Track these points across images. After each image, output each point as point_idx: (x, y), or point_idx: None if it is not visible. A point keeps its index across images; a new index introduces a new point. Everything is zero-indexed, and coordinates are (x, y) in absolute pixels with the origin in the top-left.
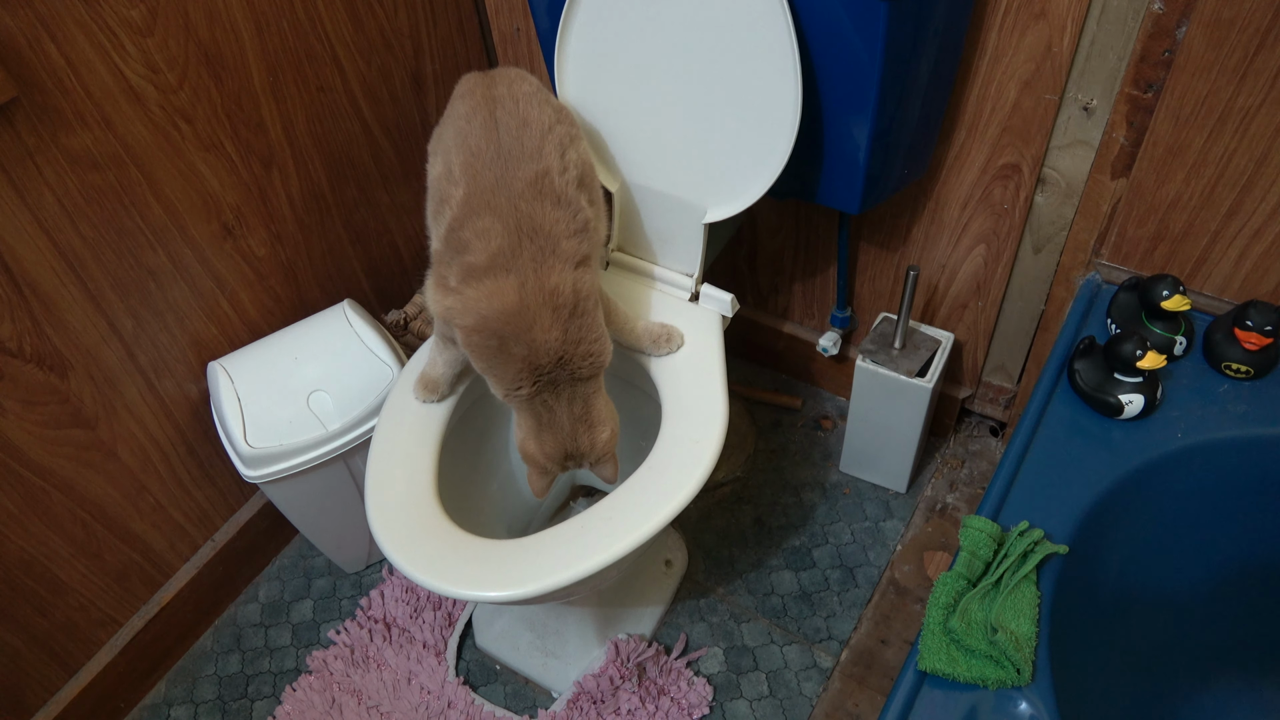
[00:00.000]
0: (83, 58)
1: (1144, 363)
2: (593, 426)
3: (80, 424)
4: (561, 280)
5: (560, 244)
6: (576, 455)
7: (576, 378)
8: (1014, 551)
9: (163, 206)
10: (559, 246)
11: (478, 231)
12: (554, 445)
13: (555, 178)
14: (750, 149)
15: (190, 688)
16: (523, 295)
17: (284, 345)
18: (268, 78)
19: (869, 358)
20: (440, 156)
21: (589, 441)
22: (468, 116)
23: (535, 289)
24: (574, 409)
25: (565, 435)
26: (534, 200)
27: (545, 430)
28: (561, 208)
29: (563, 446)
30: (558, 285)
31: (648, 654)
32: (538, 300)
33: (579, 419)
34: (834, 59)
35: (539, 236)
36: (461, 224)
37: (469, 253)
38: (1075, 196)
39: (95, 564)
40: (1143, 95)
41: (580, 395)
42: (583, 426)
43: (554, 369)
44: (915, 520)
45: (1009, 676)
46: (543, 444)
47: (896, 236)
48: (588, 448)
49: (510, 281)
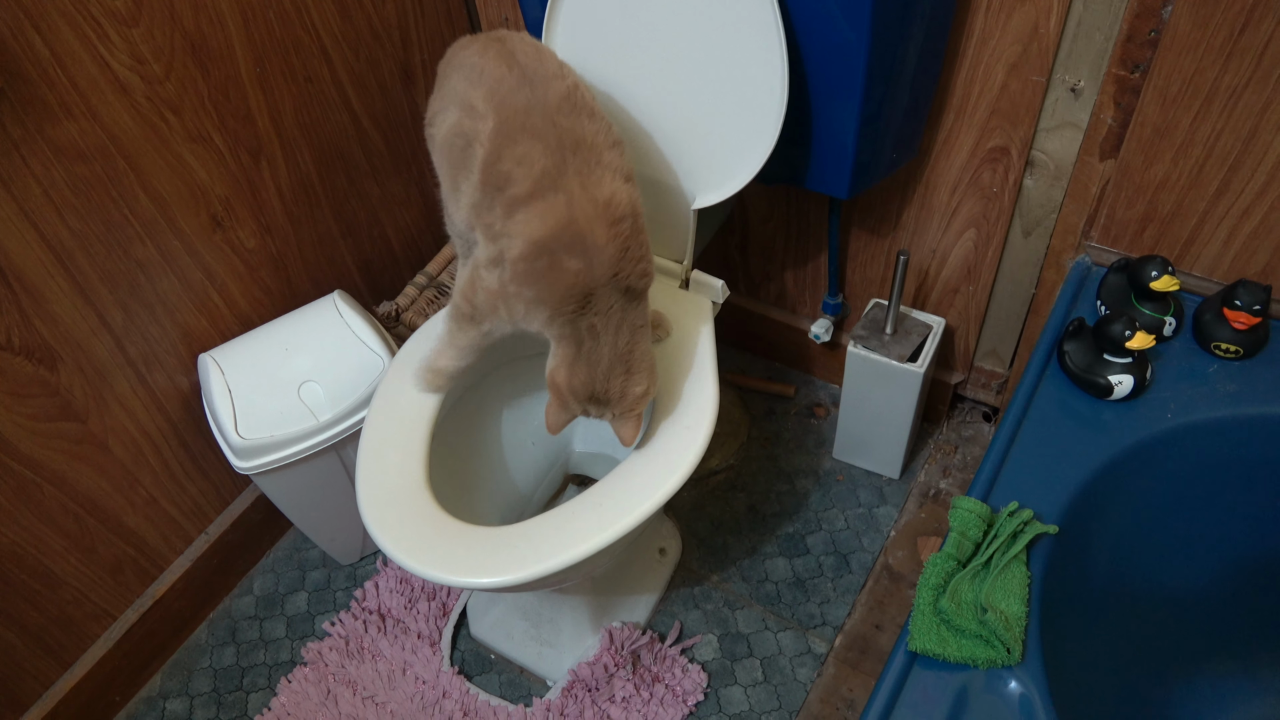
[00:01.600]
0: (67, 48)
1: (1133, 343)
2: (630, 373)
3: (71, 417)
4: (615, 190)
5: (604, 155)
6: (603, 398)
7: (630, 295)
8: (1003, 532)
9: (151, 198)
10: (603, 158)
11: (518, 159)
12: (585, 379)
13: (584, 91)
14: (738, 134)
15: (185, 680)
16: (573, 210)
17: (274, 337)
18: (255, 68)
19: (860, 344)
20: (452, 106)
21: (620, 388)
22: (479, 54)
23: (587, 201)
24: (619, 343)
25: (600, 371)
26: (571, 114)
27: (580, 361)
28: (597, 119)
29: (593, 383)
30: (611, 195)
31: (642, 642)
32: (590, 212)
33: (619, 358)
34: (821, 42)
35: (582, 149)
36: (498, 156)
37: (511, 184)
38: (1064, 179)
39: (88, 557)
40: (1130, 76)
41: (628, 326)
42: (619, 369)
43: (608, 284)
44: (909, 506)
45: (999, 656)
46: (574, 374)
47: (887, 222)
48: (618, 394)
49: (559, 199)
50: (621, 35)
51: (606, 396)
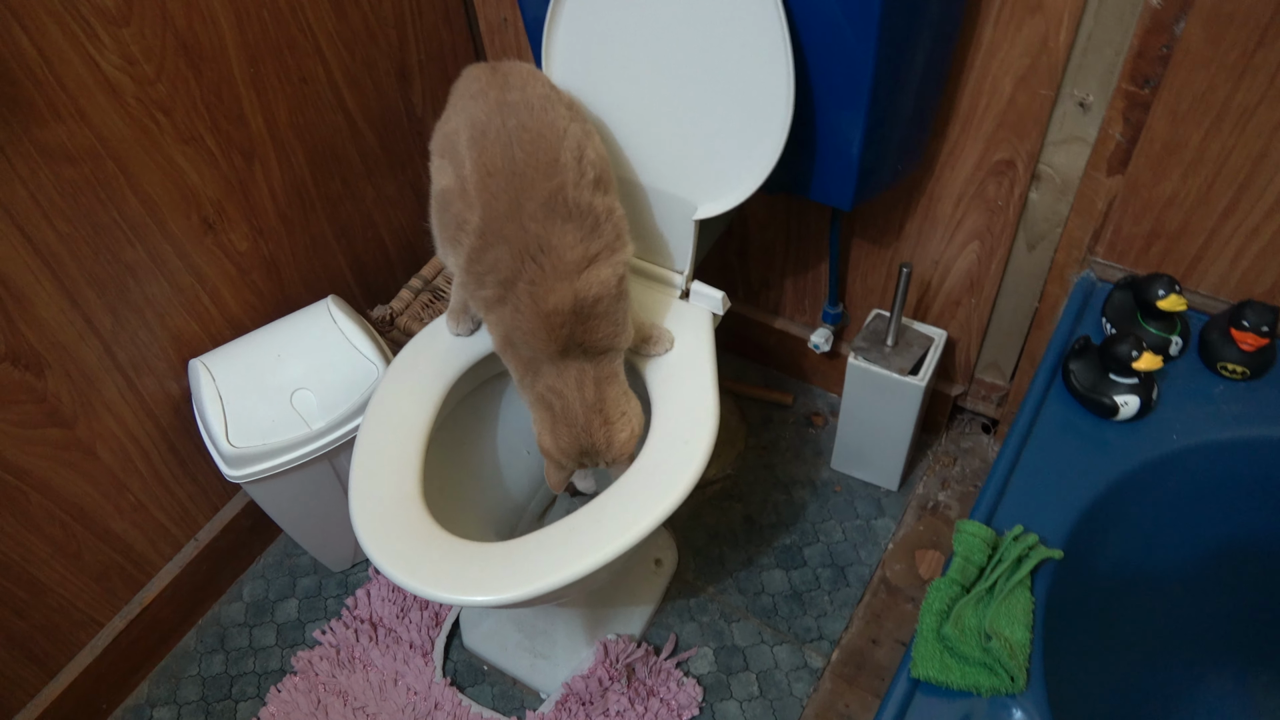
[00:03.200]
0: (55, 48)
1: (1140, 364)
2: (609, 422)
3: (58, 423)
4: (558, 300)
5: (565, 257)
6: (591, 451)
7: (588, 358)
8: (1008, 557)
9: (141, 201)
10: (562, 261)
11: (489, 266)
12: (569, 438)
13: (569, 191)
14: (742, 144)
15: (173, 688)
16: (517, 319)
17: (267, 342)
18: (248, 69)
19: (861, 355)
20: (450, 164)
21: (605, 438)
22: (483, 125)
23: (530, 313)
24: (585, 395)
25: (580, 429)
26: (544, 220)
27: (560, 423)
28: (573, 220)
29: (578, 441)
30: (553, 307)
31: (637, 654)
32: (533, 324)
33: (592, 408)
34: (827, 51)
35: (542, 255)
36: (479, 256)
37: (484, 287)
38: (1070, 193)
39: (75, 565)
40: (1140, 91)
41: (591, 379)
42: (598, 419)
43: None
44: (907, 518)
45: (1003, 684)
46: (558, 438)
47: (889, 232)
48: (604, 445)
49: (506, 311)
50: (623, 40)
51: (593, 448)
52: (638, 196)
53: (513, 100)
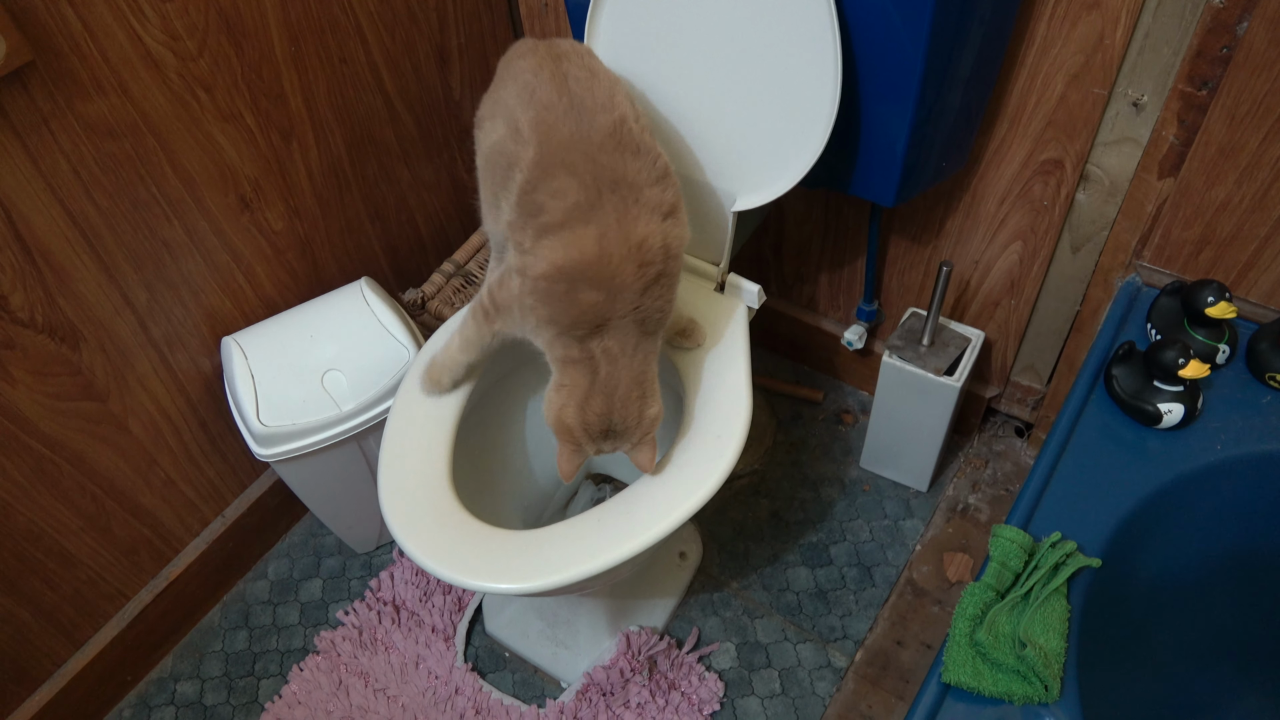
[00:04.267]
0: (101, 22)
1: (1186, 371)
2: (645, 397)
3: (92, 396)
4: (649, 232)
5: (644, 192)
6: (619, 429)
7: (644, 328)
8: (1045, 564)
9: (179, 177)
10: (642, 195)
11: (553, 192)
12: (601, 410)
13: (631, 124)
14: (785, 136)
15: (197, 663)
16: (603, 245)
17: (299, 322)
18: (289, 48)
19: (896, 354)
20: (500, 119)
21: (637, 414)
22: (534, 71)
23: (619, 239)
24: (634, 366)
25: (617, 400)
26: (614, 151)
27: (596, 393)
28: (642, 155)
29: (610, 414)
30: (645, 237)
31: (659, 647)
32: (622, 252)
33: (635, 382)
34: (876, 44)
35: (621, 187)
36: (535, 186)
37: (544, 213)
38: (1119, 195)
39: (104, 537)
40: (1197, 93)
41: (642, 352)
42: (635, 393)
43: (627, 316)
44: (935, 520)
45: (1036, 693)
46: (586, 410)
47: (929, 230)
48: (634, 421)
49: (590, 231)
50: (667, 28)
51: (624, 424)
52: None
53: (562, 51)
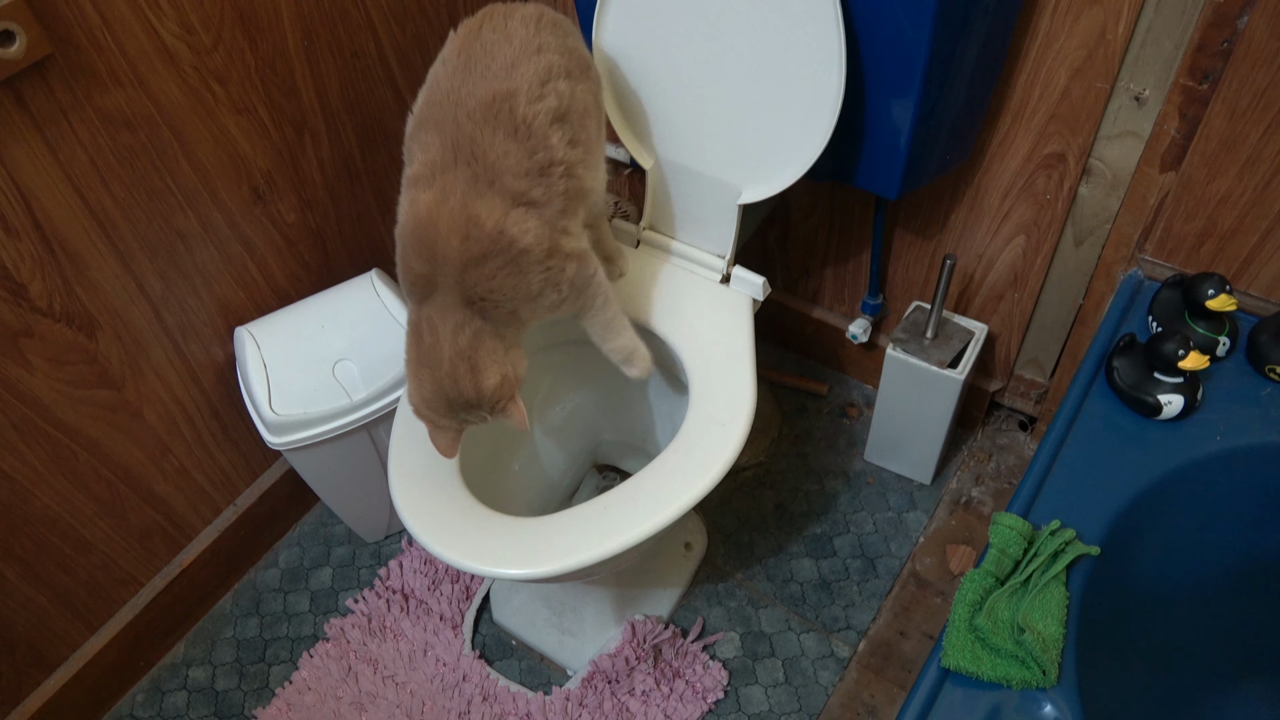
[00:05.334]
0: (118, 16)
1: (1186, 363)
2: (477, 369)
3: (107, 384)
4: (487, 212)
5: (502, 179)
6: (460, 402)
7: (474, 310)
8: (1044, 551)
9: (194, 168)
10: (499, 180)
11: (422, 144)
12: (432, 386)
13: (520, 104)
14: (790, 129)
15: (209, 649)
16: (434, 211)
17: (311, 313)
18: (302, 41)
19: (900, 347)
20: None
21: (473, 387)
22: (456, 31)
23: (453, 209)
24: (459, 341)
25: (444, 374)
26: (483, 124)
27: (423, 366)
28: (519, 140)
29: (441, 390)
30: (478, 214)
31: (664, 636)
32: (449, 223)
33: (461, 355)
34: (880, 38)
35: (477, 164)
36: (412, 134)
37: (410, 165)
38: (1121, 189)
39: (119, 524)
40: (1198, 86)
41: (471, 328)
42: (464, 366)
43: (453, 290)
44: (939, 513)
45: (1034, 678)
46: (420, 383)
47: (934, 223)
48: (473, 393)
49: (429, 196)
50: (674, 21)
51: (460, 396)
52: (682, 179)
53: (490, 12)
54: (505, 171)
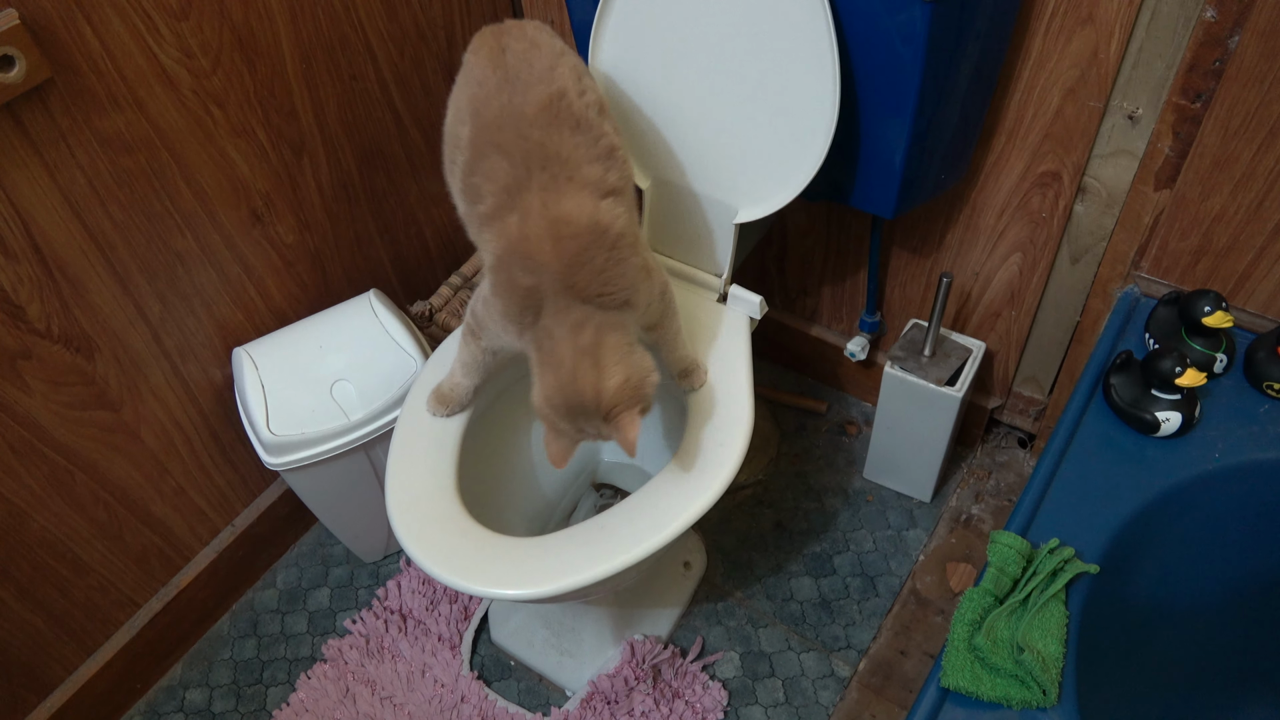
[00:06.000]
0: (117, 40)
1: (1183, 380)
2: (600, 367)
3: (105, 405)
4: (574, 208)
5: (580, 169)
6: (580, 405)
7: (591, 305)
8: (1043, 569)
9: (193, 191)
10: (578, 172)
11: (486, 174)
12: (554, 385)
13: (573, 99)
14: (786, 149)
15: (206, 671)
16: (524, 228)
17: (309, 333)
18: (300, 65)
19: (898, 364)
20: (451, 105)
21: (593, 385)
22: (475, 49)
23: (538, 219)
24: (579, 339)
25: (565, 373)
26: (547, 126)
27: (547, 369)
28: (582, 131)
29: (563, 389)
30: (567, 213)
31: (663, 656)
32: (539, 230)
33: (584, 352)
34: (874, 60)
35: (552, 164)
36: (472, 168)
37: (481, 200)
38: (1116, 207)
39: (116, 545)
40: (1190, 105)
41: (592, 324)
42: (587, 363)
43: (563, 293)
44: (939, 530)
45: (1034, 697)
46: (544, 385)
47: (930, 242)
48: (591, 393)
49: (513, 218)
50: (670, 43)
51: (579, 397)
52: (679, 198)
53: (509, 28)
54: (580, 163)
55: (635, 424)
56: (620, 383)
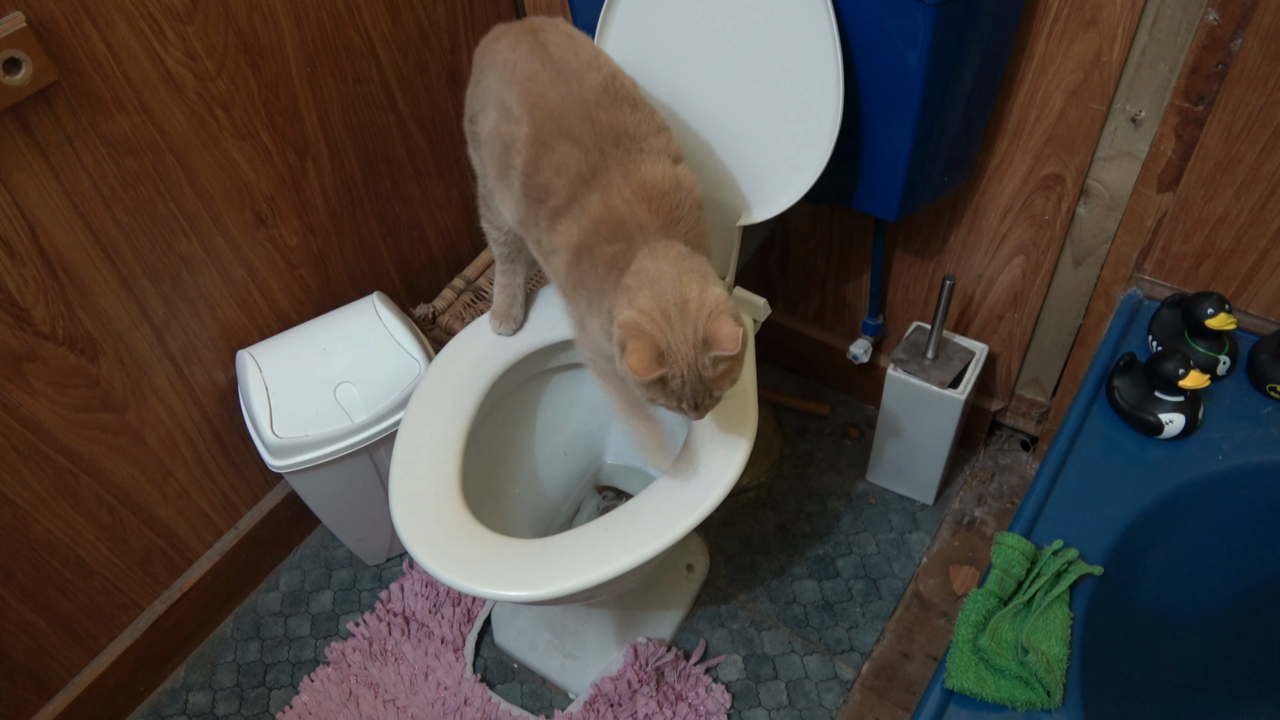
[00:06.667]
0: (123, 43)
1: (1186, 382)
2: (705, 280)
3: (109, 408)
4: (659, 173)
5: (648, 141)
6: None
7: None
8: (1047, 571)
9: (197, 194)
10: (647, 143)
11: (555, 167)
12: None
13: (623, 80)
14: (788, 152)
15: (209, 674)
16: (609, 201)
17: (313, 336)
18: (305, 68)
19: (900, 367)
20: (491, 106)
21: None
22: (511, 48)
23: (626, 189)
24: (683, 263)
25: (668, 283)
26: (611, 106)
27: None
28: (640, 108)
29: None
30: (649, 178)
31: (666, 658)
32: (628, 197)
33: (688, 270)
34: (877, 63)
35: (624, 140)
36: (537, 166)
37: (551, 196)
38: (1119, 209)
39: (119, 548)
40: (1193, 108)
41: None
42: (692, 276)
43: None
44: (942, 533)
45: (1039, 699)
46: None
47: (933, 244)
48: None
49: (594, 199)
50: (674, 47)
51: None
52: None
53: (536, 24)
54: (647, 135)
55: (733, 328)
56: (721, 295)
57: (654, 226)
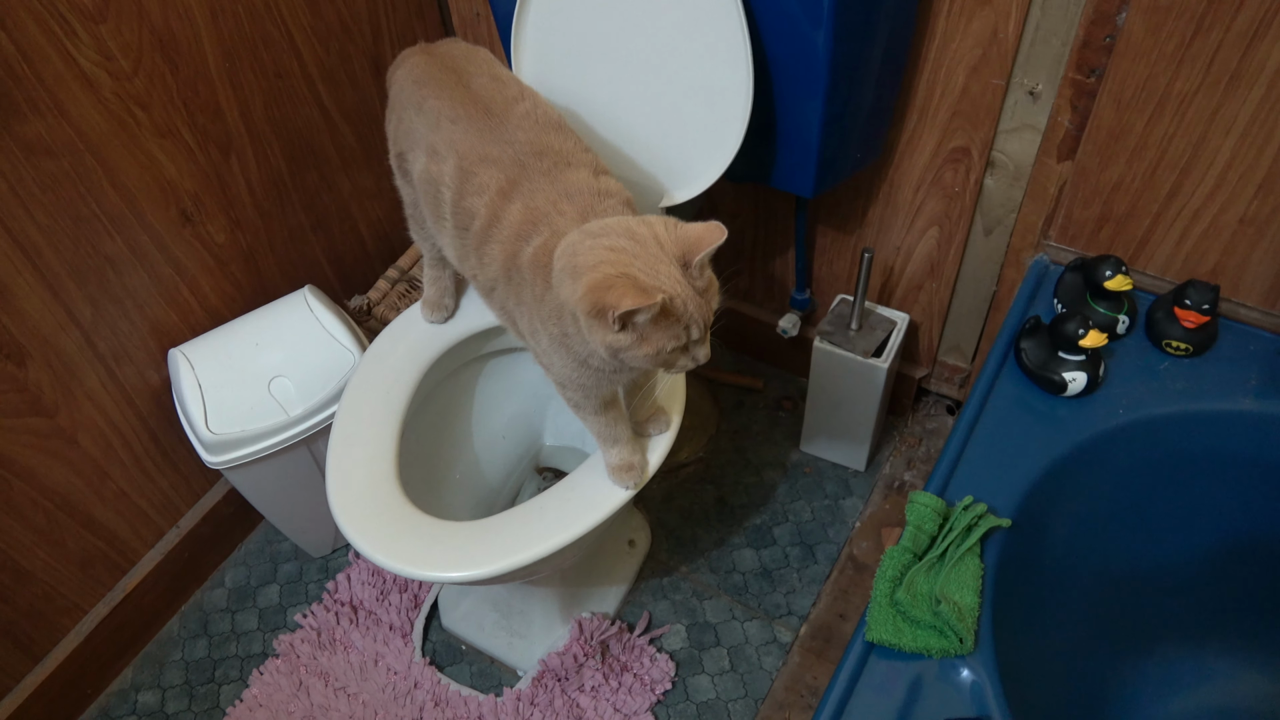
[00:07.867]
0: (34, 44)
1: (1086, 341)
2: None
3: (39, 412)
4: (581, 179)
5: (573, 155)
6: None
7: None
8: (958, 525)
9: (119, 194)
10: (573, 158)
11: (476, 190)
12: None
13: (547, 108)
14: (705, 134)
15: (157, 673)
16: (530, 204)
17: (245, 331)
18: (224, 64)
19: (826, 339)
20: (420, 149)
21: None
22: (436, 93)
23: (548, 192)
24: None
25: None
26: (532, 129)
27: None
28: (562, 132)
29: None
30: (575, 182)
31: (611, 632)
32: (550, 199)
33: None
34: (785, 44)
35: (547, 154)
36: (460, 194)
37: (474, 218)
38: (1023, 179)
39: (58, 552)
40: (1086, 80)
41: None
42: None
43: None
44: (874, 498)
45: (952, 646)
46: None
47: (853, 219)
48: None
49: (514, 208)
50: (590, 33)
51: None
52: None
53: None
54: (572, 151)
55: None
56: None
57: (577, 216)
